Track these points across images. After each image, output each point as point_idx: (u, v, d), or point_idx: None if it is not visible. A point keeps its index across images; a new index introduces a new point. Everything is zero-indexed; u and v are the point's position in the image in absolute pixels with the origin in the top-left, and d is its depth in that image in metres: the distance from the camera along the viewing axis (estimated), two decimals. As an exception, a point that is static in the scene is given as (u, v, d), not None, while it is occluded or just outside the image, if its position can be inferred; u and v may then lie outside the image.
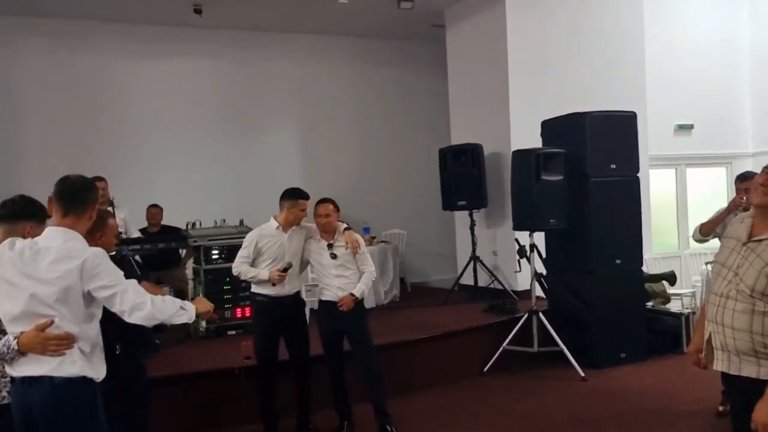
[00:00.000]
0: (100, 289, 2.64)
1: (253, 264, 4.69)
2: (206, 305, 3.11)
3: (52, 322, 2.57)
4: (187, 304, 2.92)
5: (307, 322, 4.87)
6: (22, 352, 2.58)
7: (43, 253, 2.64)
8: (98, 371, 2.73)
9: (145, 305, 2.68)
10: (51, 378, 2.57)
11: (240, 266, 4.71)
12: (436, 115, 9.37)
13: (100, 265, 2.65)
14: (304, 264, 4.87)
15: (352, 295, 4.61)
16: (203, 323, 3.25)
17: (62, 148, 8.05)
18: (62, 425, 2.58)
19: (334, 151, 9.53)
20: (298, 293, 4.84)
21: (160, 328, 3.95)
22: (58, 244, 2.65)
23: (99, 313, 2.77)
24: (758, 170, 2.76)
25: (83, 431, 2.63)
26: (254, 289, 4.79)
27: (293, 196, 4.72)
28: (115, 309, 2.69)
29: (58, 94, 8.22)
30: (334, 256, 4.65)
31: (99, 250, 2.73)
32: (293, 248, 4.72)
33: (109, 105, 8.44)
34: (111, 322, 3.28)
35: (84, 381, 2.64)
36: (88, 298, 2.66)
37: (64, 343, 2.58)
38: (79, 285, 2.61)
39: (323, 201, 4.70)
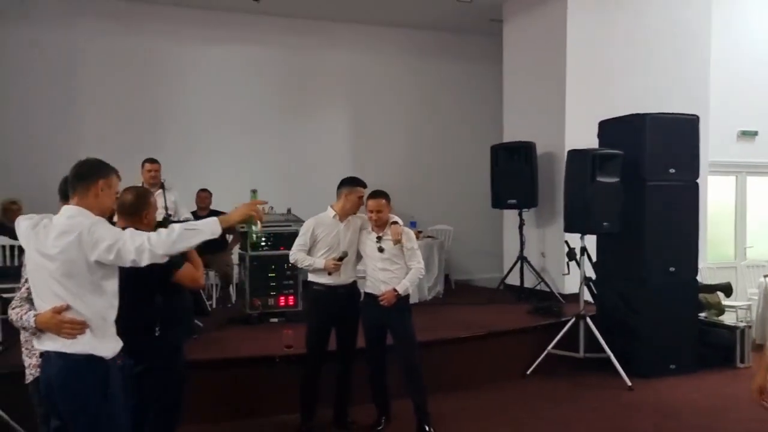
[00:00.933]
0: (104, 253, 2.62)
1: (309, 252, 4.67)
2: (244, 210, 2.90)
3: (68, 307, 2.63)
4: (204, 221, 2.80)
5: (359, 313, 4.79)
6: (40, 329, 2.69)
7: (51, 230, 2.70)
8: (108, 348, 2.74)
9: (144, 244, 2.63)
10: (62, 354, 2.65)
11: (297, 254, 4.68)
12: (489, 111, 9.22)
13: (97, 231, 2.63)
14: (359, 254, 4.81)
15: (395, 290, 4.53)
16: (254, 228, 3.03)
17: (118, 131, 8.20)
18: (72, 401, 2.65)
19: (384, 143, 9.46)
20: (354, 283, 4.77)
21: (203, 311, 3.94)
22: (63, 220, 2.70)
23: (110, 287, 2.75)
24: None
25: (93, 408, 2.65)
26: (311, 277, 4.75)
27: (351, 183, 4.69)
28: (127, 263, 2.67)
29: (117, 76, 8.36)
30: (381, 250, 4.58)
31: (96, 219, 2.71)
32: (349, 237, 4.67)
33: (164, 89, 8.56)
34: (151, 304, 3.41)
35: (92, 359, 2.67)
36: (96, 268, 2.65)
37: (78, 328, 2.64)
38: (81, 257, 2.62)
39: (375, 195, 4.62)
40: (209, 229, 2.77)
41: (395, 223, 4.67)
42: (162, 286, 3.41)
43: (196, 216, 7.23)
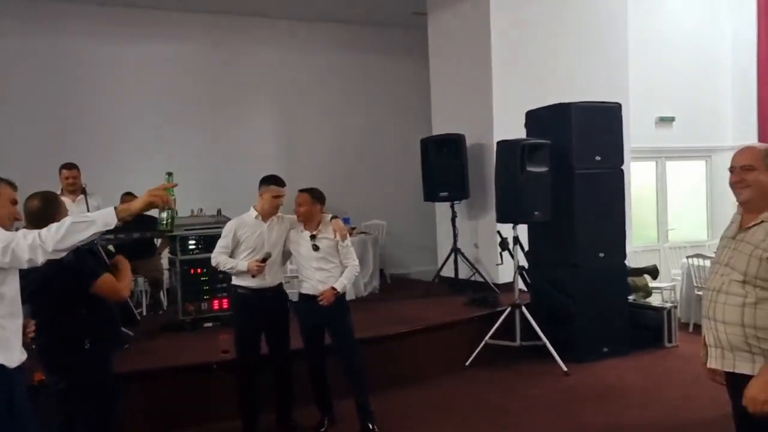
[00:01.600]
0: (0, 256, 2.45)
1: (232, 255, 4.54)
2: (145, 198, 2.68)
3: None
4: (98, 212, 2.59)
5: (288, 314, 4.71)
6: None
7: None
8: (10, 358, 2.53)
9: (35, 241, 2.43)
10: None
11: (218, 257, 4.56)
12: (418, 105, 9.22)
13: None
14: (287, 254, 4.72)
15: (334, 289, 4.47)
16: (163, 215, 2.77)
17: (35, 134, 7.79)
18: None
19: (313, 139, 9.36)
20: (280, 285, 4.69)
21: (131, 321, 3.78)
22: None
23: (8, 292, 2.55)
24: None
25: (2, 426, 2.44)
26: (235, 281, 4.64)
27: (265, 182, 4.59)
28: (24, 263, 2.47)
29: (31, 77, 7.93)
30: (316, 248, 4.50)
31: None
32: (273, 238, 4.57)
33: (82, 89, 8.17)
34: (72, 316, 3.19)
35: None
36: None
37: None
38: None
39: (302, 190, 4.56)
40: (103, 220, 2.52)
41: (336, 218, 4.60)
42: (81, 297, 3.20)
43: (124, 222, 6.95)
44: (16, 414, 2.46)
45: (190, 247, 6.37)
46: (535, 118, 6.63)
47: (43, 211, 3.14)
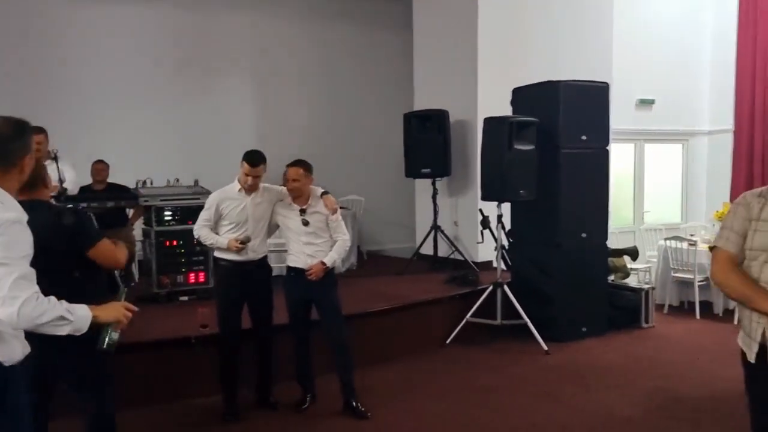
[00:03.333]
0: None
1: (215, 227, 4.40)
2: (114, 312, 2.51)
3: None
4: (78, 311, 2.34)
5: (272, 289, 4.58)
6: None
7: None
8: (11, 353, 2.31)
9: (14, 302, 2.14)
10: None
11: (200, 230, 4.44)
12: (400, 79, 9.04)
13: (6, 236, 2.15)
14: (273, 227, 4.59)
15: (323, 263, 4.35)
16: (114, 335, 2.58)
17: (2, 102, 7.41)
18: None
19: (291, 111, 9.11)
20: (264, 258, 4.55)
21: (115, 290, 3.65)
22: None
23: None
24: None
25: None
26: (217, 254, 4.51)
27: (243, 157, 4.41)
28: None
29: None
30: (306, 223, 4.38)
31: (14, 216, 2.21)
32: (258, 212, 4.43)
33: (52, 52, 7.78)
34: (73, 280, 3.03)
35: None
36: None
37: None
38: None
39: (293, 164, 4.41)
40: (79, 324, 2.33)
41: (327, 193, 4.48)
42: (77, 260, 3.10)
43: (91, 191, 6.70)
44: (9, 410, 2.27)
45: (166, 218, 6.17)
46: (521, 96, 6.55)
47: (39, 174, 3.07)
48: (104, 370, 3.28)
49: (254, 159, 4.36)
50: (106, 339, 2.53)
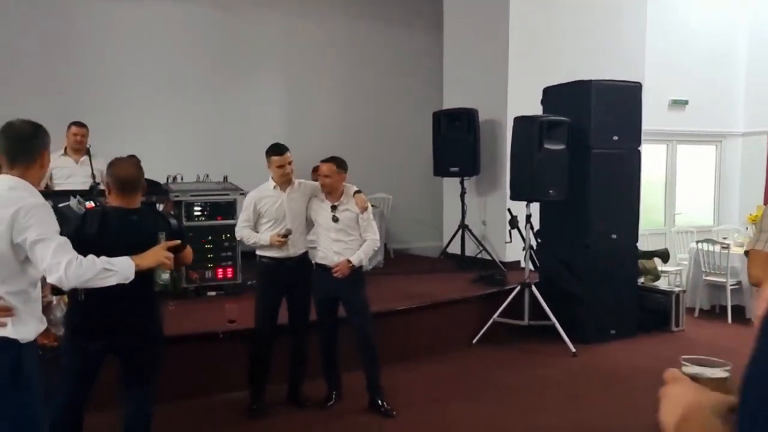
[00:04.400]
0: (24, 242, 2.38)
1: (255, 226, 4.43)
2: (155, 257, 2.78)
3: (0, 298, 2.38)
4: (119, 262, 2.61)
5: (311, 285, 4.58)
6: None
7: None
8: (25, 331, 2.45)
9: (59, 267, 2.40)
10: None
11: (242, 231, 4.48)
12: (430, 76, 9.01)
13: (34, 216, 2.39)
14: (311, 223, 4.60)
15: (349, 261, 4.35)
16: (163, 276, 2.96)
17: (35, 92, 7.53)
18: None
19: (321, 107, 9.13)
20: (304, 254, 4.56)
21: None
22: (2, 192, 2.44)
23: (35, 273, 2.50)
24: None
25: (4, 397, 2.37)
26: (259, 251, 4.52)
27: (267, 154, 4.46)
28: (38, 266, 2.44)
29: (34, 38, 7.66)
30: (335, 219, 4.39)
31: (41, 202, 2.47)
32: (296, 208, 4.45)
33: (87, 48, 7.90)
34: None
35: (5, 342, 2.39)
36: (19, 250, 2.41)
37: (2, 314, 2.38)
38: (8, 234, 2.37)
39: (327, 160, 4.44)
40: (124, 274, 2.61)
41: (359, 192, 4.48)
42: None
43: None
44: (24, 385, 2.38)
45: (196, 213, 6.23)
46: (552, 95, 6.49)
47: (138, 179, 3.23)
48: (160, 360, 3.46)
49: (280, 148, 4.42)
50: (159, 280, 2.79)
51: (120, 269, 2.59)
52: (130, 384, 3.34)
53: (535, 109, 6.55)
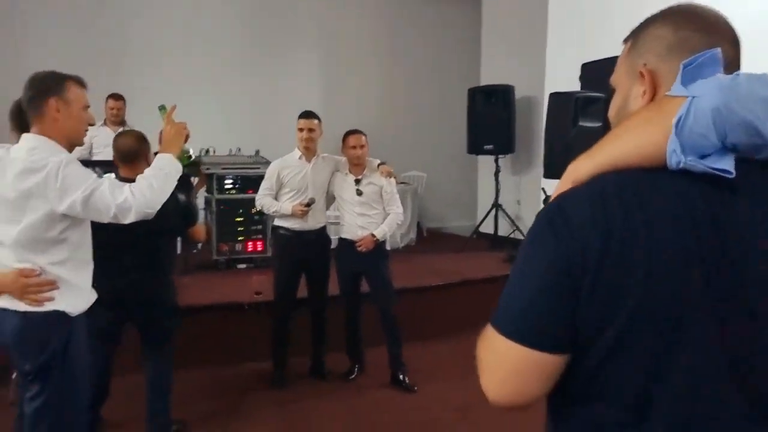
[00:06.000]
0: (74, 205, 2.24)
1: (276, 196, 4.42)
2: (178, 140, 2.60)
3: (38, 274, 2.29)
4: (160, 164, 2.45)
5: (329, 259, 4.58)
6: None
7: (8, 165, 2.30)
8: (73, 304, 2.39)
9: (128, 201, 2.28)
10: (19, 312, 2.32)
11: (262, 199, 4.45)
12: (467, 53, 8.88)
13: (66, 177, 2.23)
14: (331, 198, 4.57)
15: (373, 235, 4.32)
16: (188, 150, 2.85)
17: (70, 62, 7.54)
18: (29, 361, 2.33)
19: (356, 83, 9.08)
20: (323, 228, 4.54)
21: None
22: (23, 154, 2.28)
23: (76, 237, 2.38)
24: None
25: (53, 369, 2.34)
26: (277, 222, 4.51)
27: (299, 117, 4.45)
28: (104, 220, 2.31)
29: (71, 10, 7.76)
30: (359, 193, 4.35)
31: (65, 157, 2.29)
32: (319, 180, 4.43)
33: (125, 20, 8.00)
34: (168, 253, 3.49)
35: (53, 315, 2.34)
36: (61, 218, 2.28)
37: (45, 289, 2.30)
38: (45, 204, 2.24)
39: (355, 132, 4.39)
40: (173, 168, 2.47)
41: (383, 164, 4.44)
42: (168, 233, 3.41)
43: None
44: (69, 357, 2.37)
45: (227, 186, 6.27)
46: (591, 71, 6.31)
47: (140, 149, 3.29)
48: (171, 325, 3.59)
49: (308, 113, 4.42)
50: (187, 159, 2.66)
51: (169, 169, 2.45)
52: (147, 349, 3.53)
53: (574, 85, 6.39)
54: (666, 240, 0.95)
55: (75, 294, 2.41)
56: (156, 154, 2.63)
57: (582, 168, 1.11)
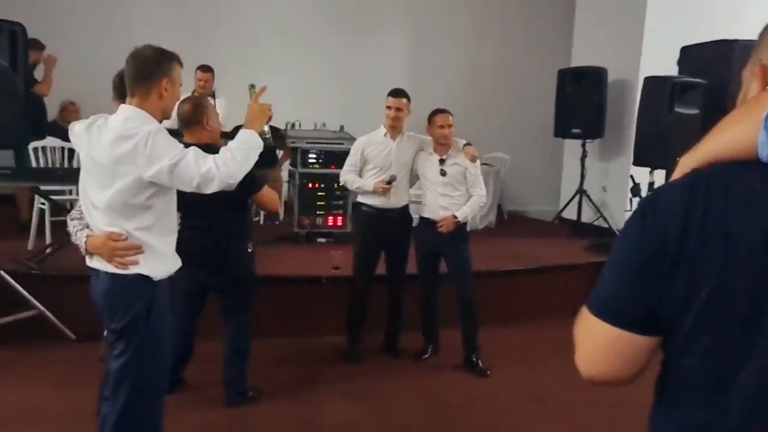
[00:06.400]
0: (163, 175, 2.33)
1: (360, 172, 4.44)
2: (261, 119, 2.63)
3: (125, 239, 2.42)
4: (243, 139, 2.50)
5: (410, 238, 4.57)
6: (90, 252, 2.50)
7: (105, 132, 2.42)
8: (159, 269, 2.51)
9: (212, 171, 2.35)
10: (108, 274, 2.46)
11: (346, 175, 4.48)
12: (559, 33, 8.58)
13: (154, 145, 2.31)
14: (414, 176, 4.55)
15: (455, 216, 4.28)
16: (266, 128, 2.75)
17: (169, 33, 7.70)
18: (117, 321, 2.47)
19: (443, 61, 8.95)
20: (405, 207, 4.54)
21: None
22: (119, 123, 2.40)
23: (161, 204, 2.47)
24: None
25: (137, 329, 2.46)
26: (360, 198, 4.55)
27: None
28: (188, 189, 2.40)
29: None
30: (443, 173, 4.32)
31: (155, 126, 2.38)
32: (403, 158, 4.42)
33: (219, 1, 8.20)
34: (241, 220, 3.59)
35: (140, 279, 2.45)
36: (149, 185, 2.37)
37: (131, 253, 2.43)
38: (134, 170, 2.33)
39: (442, 111, 4.35)
40: (255, 143, 2.54)
41: (468, 144, 4.39)
42: (236, 203, 3.47)
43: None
44: (152, 319, 2.48)
45: (311, 160, 6.35)
46: (690, 55, 5.98)
47: (194, 115, 3.40)
48: (244, 293, 3.72)
49: (397, 90, 4.40)
50: (265, 139, 2.65)
51: (251, 144, 2.51)
52: (225, 316, 3.72)
53: (671, 70, 6.08)
54: (745, 229, 1.00)
55: (158, 259, 2.52)
56: (237, 127, 2.71)
57: (686, 162, 1.15)
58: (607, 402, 4.06)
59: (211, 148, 2.56)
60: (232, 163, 2.40)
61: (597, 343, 1.18)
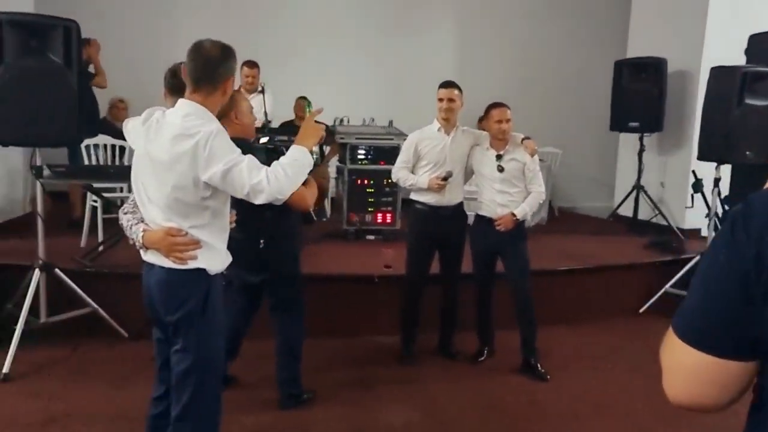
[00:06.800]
0: (214, 176, 2.31)
1: (413, 169, 4.31)
2: (314, 138, 2.59)
3: (185, 234, 2.41)
4: (294, 155, 2.46)
5: (465, 236, 4.42)
6: (146, 246, 2.48)
7: (164, 128, 2.39)
8: (213, 263, 2.50)
9: (262, 184, 2.32)
10: (164, 268, 2.45)
11: (399, 172, 4.35)
12: (615, 22, 8.29)
13: (213, 147, 2.29)
14: (469, 173, 4.40)
15: (513, 214, 4.12)
16: (316, 149, 2.92)
17: (216, 28, 7.77)
18: (171, 314, 2.47)
19: (493, 53, 8.72)
20: (460, 204, 4.38)
21: (308, 220, 3.95)
22: (178, 120, 2.36)
23: (217, 205, 2.46)
24: None
25: (192, 323, 2.46)
26: (413, 195, 4.40)
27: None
28: (237, 195, 2.39)
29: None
30: (501, 169, 4.16)
31: (216, 127, 2.34)
32: (458, 153, 4.26)
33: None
34: (266, 220, 3.42)
35: (195, 272, 2.44)
36: (205, 187, 2.35)
37: (190, 248, 2.41)
38: (191, 170, 2.31)
39: (499, 104, 4.20)
40: (307, 160, 2.51)
41: (527, 138, 4.22)
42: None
43: (293, 126, 6.96)
44: (208, 312, 2.48)
45: (359, 157, 6.24)
46: (759, 43, 5.70)
47: (223, 107, 3.27)
48: (290, 294, 3.67)
49: (447, 82, 4.29)
50: (316, 154, 2.68)
51: (303, 161, 2.49)
52: (273, 316, 3.71)
53: (737, 59, 5.81)
54: None
55: (214, 254, 2.51)
56: (284, 124, 2.67)
57: None
58: (674, 413, 3.86)
59: (240, 142, 2.52)
60: (283, 180, 2.38)
61: (687, 369, 1.06)
